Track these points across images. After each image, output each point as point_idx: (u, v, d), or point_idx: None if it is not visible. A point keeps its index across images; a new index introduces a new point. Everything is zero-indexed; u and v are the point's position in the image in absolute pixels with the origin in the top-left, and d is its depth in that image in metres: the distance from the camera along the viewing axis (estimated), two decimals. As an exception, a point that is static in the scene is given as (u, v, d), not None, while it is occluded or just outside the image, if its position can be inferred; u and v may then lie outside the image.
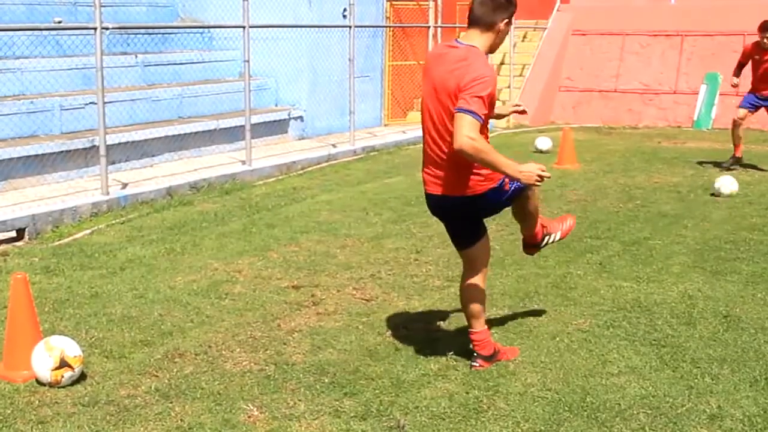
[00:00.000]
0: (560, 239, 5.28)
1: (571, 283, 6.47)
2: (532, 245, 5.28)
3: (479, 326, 4.87)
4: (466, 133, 4.22)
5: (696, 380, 4.68)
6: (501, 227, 8.27)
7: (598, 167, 11.94)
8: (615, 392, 4.52)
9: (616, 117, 17.40)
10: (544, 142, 13.39)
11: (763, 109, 11.53)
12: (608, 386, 4.60)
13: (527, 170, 4.42)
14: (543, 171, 4.46)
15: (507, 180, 4.57)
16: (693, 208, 9.19)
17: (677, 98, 17.24)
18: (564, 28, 18.35)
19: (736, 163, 11.71)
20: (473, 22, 4.51)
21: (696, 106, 16.99)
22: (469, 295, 4.86)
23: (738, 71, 11.72)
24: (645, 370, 4.83)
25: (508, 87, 17.38)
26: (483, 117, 4.30)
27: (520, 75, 17.88)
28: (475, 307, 4.85)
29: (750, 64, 11.46)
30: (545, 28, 18.44)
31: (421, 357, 5.01)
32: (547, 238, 5.19)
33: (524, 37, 18.88)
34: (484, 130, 4.43)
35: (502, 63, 17.98)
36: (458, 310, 5.82)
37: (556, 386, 4.60)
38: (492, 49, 4.60)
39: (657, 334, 5.39)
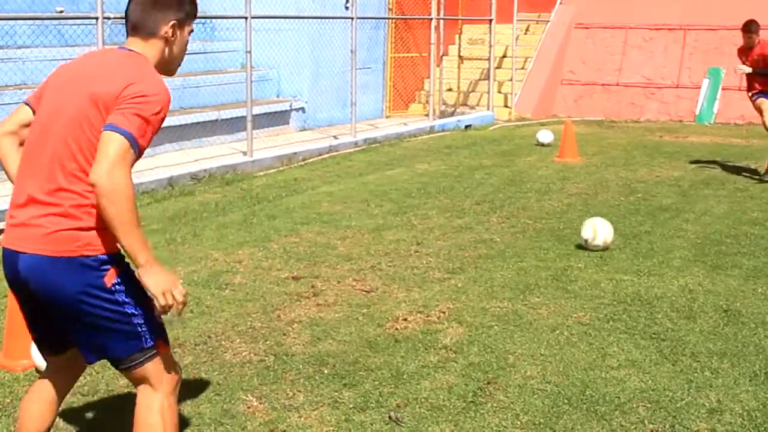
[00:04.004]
0: None
1: (571, 276, 6.46)
2: None
3: None
4: (114, 161, 2.79)
5: (696, 374, 4.68)
6: (501, 219, 8.28)
7: (599, 161, 11.93)
8: (614, 385, 4.52)
9: (618, 111, 17.38)
10: (545, 135, 13.38)
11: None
12: (608, 379, 4.60)
13: (167, 280, 2.86)
14: (183, 295, 2.89)
15: (116, 272, 2.97)
16: (694, 202, 9.19)
17: (680, 92, 17.22)
18: (566, 21, 18.31)
19: None
20: (132, 29, 3.13)
21: (698, 101, 16.96)
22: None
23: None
24: (645, 363, 4.83)
25: (510, 80, 17.36)
26: (140, 149, 2.90)
27: (522, 68, 17.85)
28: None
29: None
30: (548, 21, 18.40)
31: (421, 349, 5.01)
32: None
33: (527, 30, 18.85)
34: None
35: (504, 56, 17.95)
36: (458, 302, 5.83)
37: (556, 379, 4.59)
38: (166, 66, 3.19)
39: (657, 327, 5.39)
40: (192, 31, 3.28)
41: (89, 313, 2.94)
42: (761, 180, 10.50)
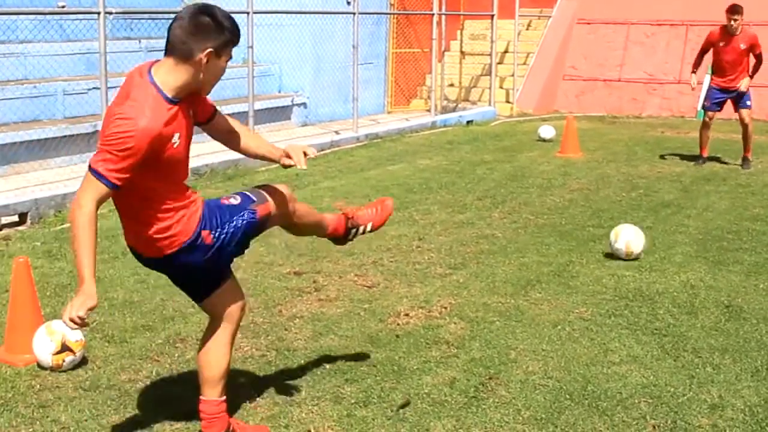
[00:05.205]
0: (373, 230, 4.50)
1: (573, 272, 6.46)
2: (337, 239, 4.47)
3: (213, 394, 3.78)
4: (79, 195, 3.22)
5: (697, 370, 4.68)
6: (503, 215, 8.27)
7: (601, 156, 11.92)
8: (616, 381, 4.52)
9: (620, 106, 17.36)
10: (547, 131, 13.37)
11: (729, 101, 10.95)
12: (609, 375, 4.60)
13: (79, 302, 3.23)
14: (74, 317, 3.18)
15: (208, 232, 3.58)
16: (696, 198, 9.18)
17: (681, 88, 17.17)
18: (569, 16, 18.28)
19: (706, 161, 11.33)
20: (168, 48, 3.34)
21: (700, 97, 16.92)
22: (210, 356, 3.78)
23: (699, 62, 11.08)
24: (646, 359, 4.83)
25: (512, 75, 17.33)
26: (115, 180, 3.19)
27: (524, 63, 17.82)
28: (215, 371, 3.76)
29: (711, 52, 10.86)
30: (550, 17, 18.37)
31: (423, 344, 5.01)
32: (353, 231, 4.44)
33: (528, 25, 18.82)
34: (147, 203, 3.42)
35: (506, 51, 17.93)
36: (460, 298, 5.83)
37: (558, 374, 4.60)
38: (196, 88, 3.42)
39: (659, 323, 5.39)
40: (230, 58, 3.46)
41: None
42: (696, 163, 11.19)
